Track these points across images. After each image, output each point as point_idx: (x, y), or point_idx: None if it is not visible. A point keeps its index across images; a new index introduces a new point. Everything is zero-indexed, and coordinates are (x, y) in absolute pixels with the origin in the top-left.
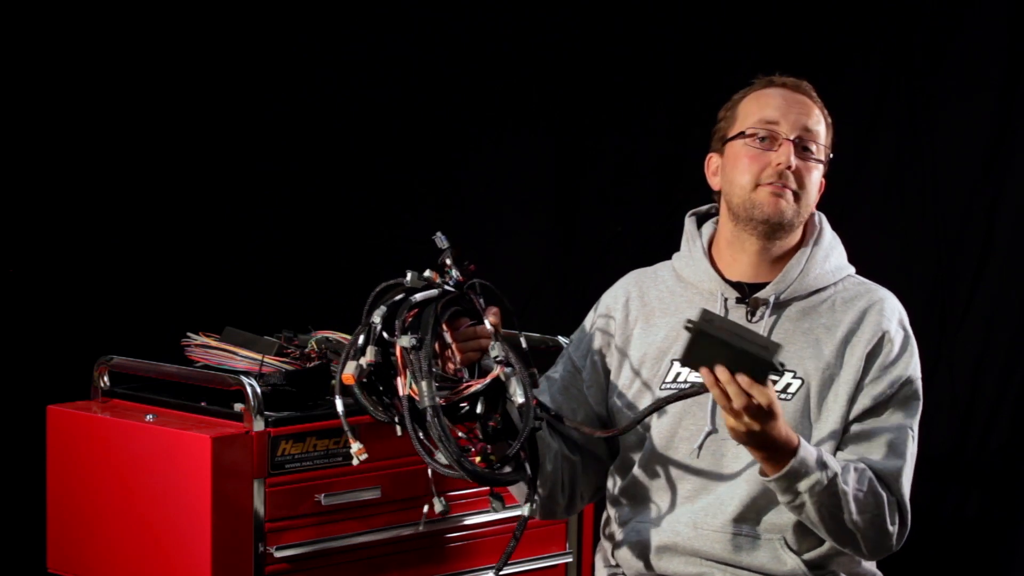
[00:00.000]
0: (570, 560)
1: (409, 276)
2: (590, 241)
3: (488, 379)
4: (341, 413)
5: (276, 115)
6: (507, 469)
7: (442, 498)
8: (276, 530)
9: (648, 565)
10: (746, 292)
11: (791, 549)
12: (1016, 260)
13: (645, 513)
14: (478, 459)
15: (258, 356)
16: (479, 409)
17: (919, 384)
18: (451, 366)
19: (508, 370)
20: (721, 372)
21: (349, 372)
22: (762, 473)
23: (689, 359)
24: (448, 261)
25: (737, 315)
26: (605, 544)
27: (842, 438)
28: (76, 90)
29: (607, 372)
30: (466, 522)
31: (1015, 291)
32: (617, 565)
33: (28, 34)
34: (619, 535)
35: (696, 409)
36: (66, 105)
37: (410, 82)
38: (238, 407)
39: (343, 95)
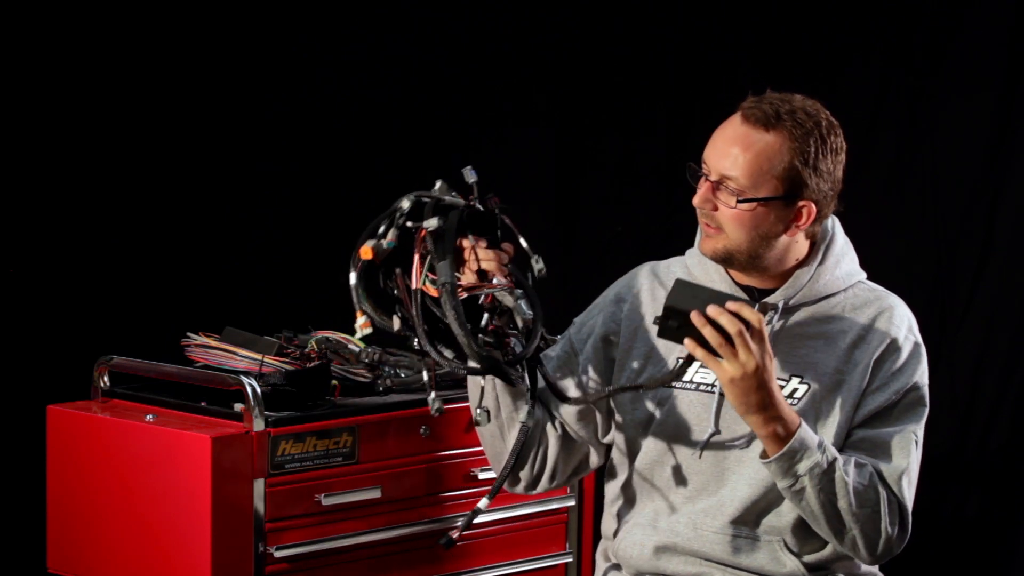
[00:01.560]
0: (570, 560)
1: (439, 184)
2: (590, 241)
3: (505, 283)
4: (353, 285)
5: (276, 115)
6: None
7: (438, 400)
8: (276, 530)
9: (648, 565)
10: (756, 296)
11: (791, 551)
12: (1016, 260)
13: (645, 512)
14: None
15: (258, 356)
16: (483, 322)
17: (926, 391)
18: (466, 278)
19: (519, 291)
20: (712, 308)
21: (368, 246)
22: (763, 456)
23: (670, 310)
24: (475, 193)
25: None
26: (605, 542)
27: (845, 443)
28: (76, 90)
29: (610, 361)
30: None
31: (1015, 291)
32: (617, 564)
33: (28, 34)
34: (619, 534)
35: (700, 410)
36: (66, 105)
37: (410, 82)
38: (238, 407)
39: (343, 95)
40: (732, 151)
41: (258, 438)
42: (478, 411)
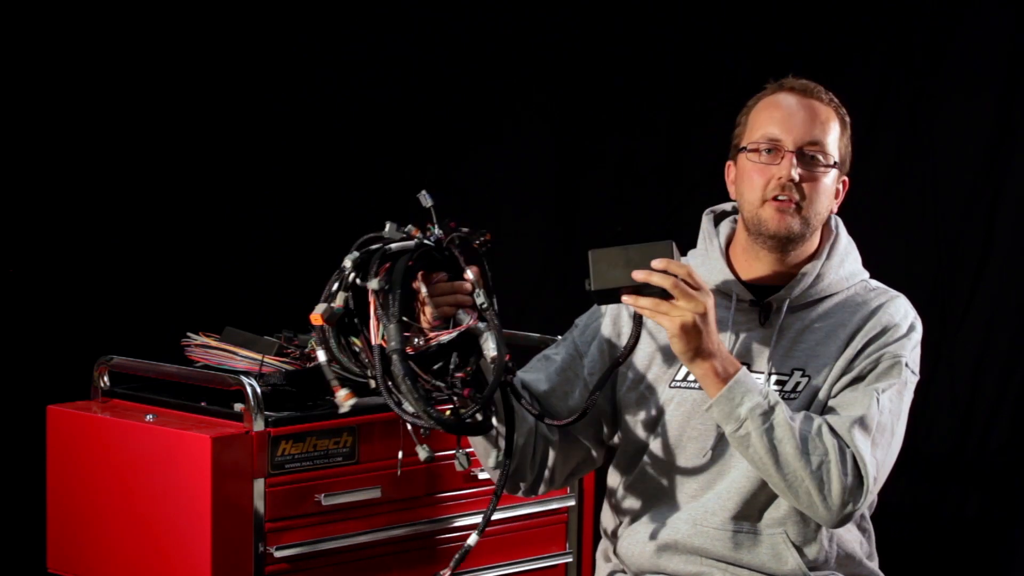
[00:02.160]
0: (570, 560)
1: (388, 227)
2: (590, 241)
3: (458, 330)
4: (323, 362)
5: (276, 115)
6: (476, 420)
7: (426, 446)
8: (276, 530)
9: (649, 563)
10: (760, 294)
11: (793, 544)
12: (1016, 260)
13: (647, 511)
14: (448, 413)
15: (258, 356)
16: (452, 364)
17: (905, 362)
18: (425, 320)
19: (482, 324)
20: (639, 275)
21: (318, 312)
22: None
23: (600, 291)
24: (432, 219)
25: (750, 317)
26: (606, 542)
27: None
28: (76, 90)
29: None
30: (465, 522)
31: (1015, 291)
32: (618, 563)
33: (28, 34)
34: (620, 533)
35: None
36: (66, 105)
37: (410, 82)
38: (238, 407)
39: (343, 95)
40: (808, 118)
41: (258, 438)
42: (456, 453)
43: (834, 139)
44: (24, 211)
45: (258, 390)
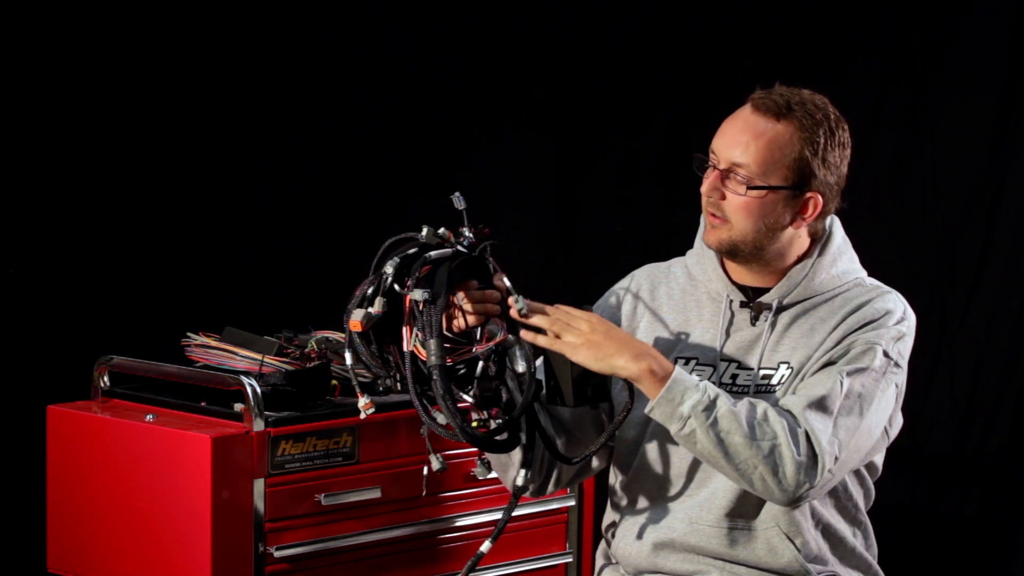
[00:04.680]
0: (570, 560)
1: (425, 231)
2: (590, 241)
3: (493, 343)
4: (350, 365)
5: (277, 115)
6: (503, 436)
7: (439, 455)
8: (276, 530)
9: (646, 562)
10: (751, 296)
11: (788, 538)
12: (1016, 260)
13: (643, 510)
14: (475, 423)
15: (258, 356)
16: (477, 373)
17: (883, 351)
18: (456, 326)
19: (511, 338)
20: (524, 332)
21: (357, 319)
22: (649, 408)
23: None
24: (465, 222)
25: (741, 317)
26: (606, 540)
27: None
28: (76, 90)
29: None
30: (465, 522)
31: (1015, 291)
32: (617, 561)
33: (28, 34)
34: (618, 531)
35: None
36: (66, 105)
37: (410, 82)
38: (238, 407)
39: (344, 96)
40: (743, 139)
41: (258, 438)
42: (478, 462)
43: (771, 159)
44: (24, 211)
45: (258, 390)
